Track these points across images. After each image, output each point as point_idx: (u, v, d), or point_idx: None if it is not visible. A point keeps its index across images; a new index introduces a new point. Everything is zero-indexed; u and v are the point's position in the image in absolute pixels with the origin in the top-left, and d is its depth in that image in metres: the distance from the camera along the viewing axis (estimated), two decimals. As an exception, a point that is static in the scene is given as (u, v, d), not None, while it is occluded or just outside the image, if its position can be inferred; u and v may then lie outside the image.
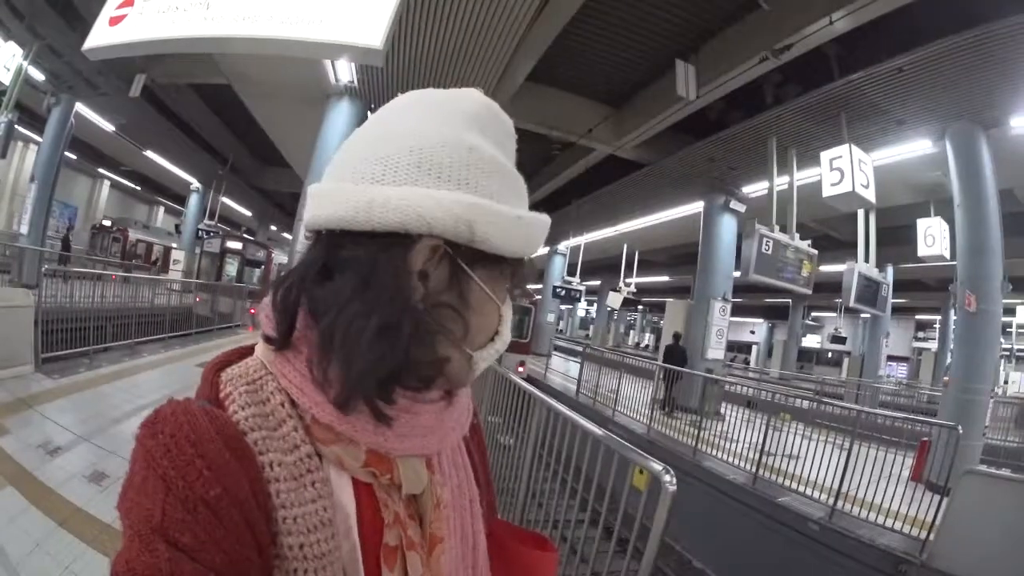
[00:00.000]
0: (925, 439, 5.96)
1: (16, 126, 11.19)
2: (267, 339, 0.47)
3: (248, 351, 0.50)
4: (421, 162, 0.46)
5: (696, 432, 6.66)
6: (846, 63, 6.62)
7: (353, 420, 0.44)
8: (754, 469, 5.66)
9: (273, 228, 27.21)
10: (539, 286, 18.37)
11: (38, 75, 10.56)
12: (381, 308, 0.43)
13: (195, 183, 19.44)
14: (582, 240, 16.03)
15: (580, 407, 9.62)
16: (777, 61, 6.28)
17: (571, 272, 17.27)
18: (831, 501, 4.83)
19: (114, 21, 3.33)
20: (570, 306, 29.36)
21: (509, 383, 3.76)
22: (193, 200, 19.97)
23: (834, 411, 6.45)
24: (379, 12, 3.16)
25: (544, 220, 0.53)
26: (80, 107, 12.08)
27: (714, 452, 6.49)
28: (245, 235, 21.06)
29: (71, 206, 22.42)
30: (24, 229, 11.31)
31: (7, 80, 9.17)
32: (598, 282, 24.98)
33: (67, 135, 11.82)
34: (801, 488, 5.25)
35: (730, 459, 6.22)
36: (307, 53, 3.30)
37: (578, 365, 11.36)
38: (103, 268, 12.97)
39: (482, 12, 5.81)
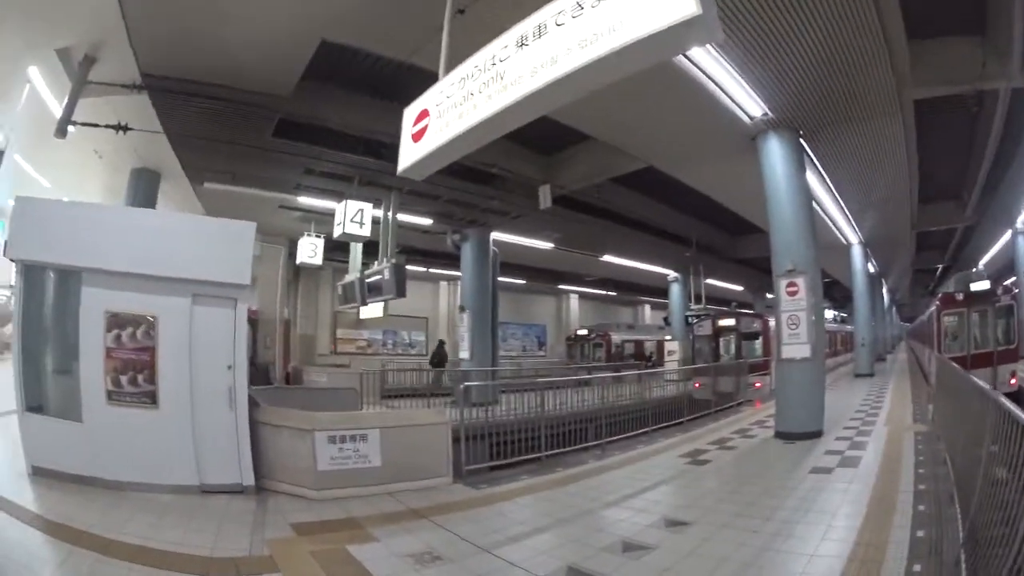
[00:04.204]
0: None
1: (430, 270, 13.13)
2: None
3: None
4: None
5: None
6: None
7: None
8: None
9: (769, 296, 26.49)
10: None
11: (423, 220, 11.17)
12: None
13: (671, 273, 19.68)
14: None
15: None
16: None
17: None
18: None
19: (417, 136, 3.60)
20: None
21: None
22: (675, 290, 20.25)
23: None
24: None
25: None
26: (502, 235, 12.26)
27: None
28: (738, 310, 20.24)
29: (536, 325, 25.06)
30: (465, 355, 11.63)
31: (364, 232, 9.07)
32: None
33: (493, 263, 12.16)
34: None
35: None
36: (626, 63, 2.67)
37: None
38: (587, 373, 14.14)
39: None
